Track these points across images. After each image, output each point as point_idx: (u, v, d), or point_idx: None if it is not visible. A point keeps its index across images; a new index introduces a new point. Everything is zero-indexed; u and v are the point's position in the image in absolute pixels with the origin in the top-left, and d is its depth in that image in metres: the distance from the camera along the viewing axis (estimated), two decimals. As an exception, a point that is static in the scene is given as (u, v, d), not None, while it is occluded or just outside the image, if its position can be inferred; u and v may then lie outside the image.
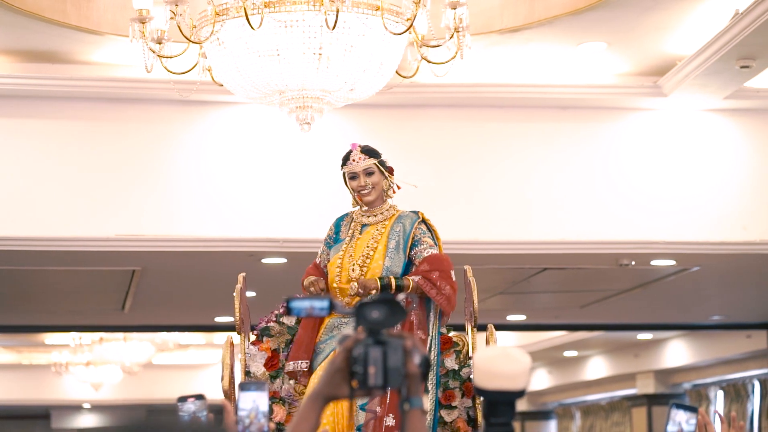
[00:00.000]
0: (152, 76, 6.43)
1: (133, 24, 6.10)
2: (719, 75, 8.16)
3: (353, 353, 2.69)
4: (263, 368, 5.86)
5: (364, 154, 5.90)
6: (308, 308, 2.77)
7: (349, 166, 5.89)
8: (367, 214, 5.91)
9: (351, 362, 2.69)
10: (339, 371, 2.71)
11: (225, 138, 8.59)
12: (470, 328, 5.88)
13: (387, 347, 2.68)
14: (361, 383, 2.68)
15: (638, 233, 8.86)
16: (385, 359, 2.67)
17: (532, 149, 8.84)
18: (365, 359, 2.67)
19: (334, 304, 2.78)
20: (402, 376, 2.67)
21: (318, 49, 6.00)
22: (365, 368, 2.67)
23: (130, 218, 8.46)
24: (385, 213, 5.90)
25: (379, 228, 5.85)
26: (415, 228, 5.82)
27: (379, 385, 2.67)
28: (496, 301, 11.96)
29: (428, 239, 5.82)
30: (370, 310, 2.69)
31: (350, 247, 5.83)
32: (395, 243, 5.79)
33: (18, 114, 8.40)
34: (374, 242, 5.80)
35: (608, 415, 18.78)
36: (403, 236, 5.80)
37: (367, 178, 5.85)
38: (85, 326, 14.12)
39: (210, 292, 10.43)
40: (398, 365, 2.67)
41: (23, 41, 7.98)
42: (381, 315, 2.69)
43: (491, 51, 8.20)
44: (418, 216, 5.88)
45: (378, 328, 2.69)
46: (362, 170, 5.86)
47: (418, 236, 5.81)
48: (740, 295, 11.71)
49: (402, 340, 2.69)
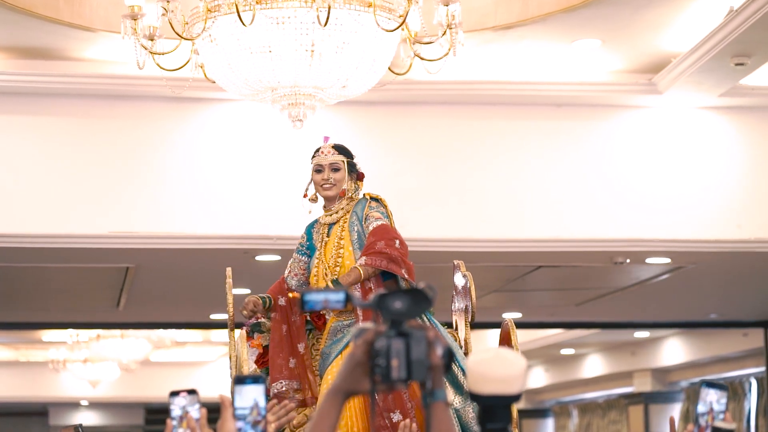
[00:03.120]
0: (145, 73, 6.42)
1: (125, 21, 6.08)
2: (714, 72, 8.14)
3: (375, 346, 2.59)
4: (254, 365, 5.78)
5: (335, 150, 5.83)
6: (323, 301, 2.67)
7: (317, 158, 5.83)
8: (329, 213, 5.83)
9: (372, 355, 2.59)
10: (360, 365, 2.61)
11: (218, 135, 8.58)
12: (464, 324, 5.84)
13: (410, 339, 2.58)
14: (384, 377, 2.58)
15: (633, 231, 8.85)
16: (408, 351, 2.57)
17: (526, 147, 8.82)
18: (388, 352, 2.57)
19: (351, 297, 2.67)
20: (426, 369, 2.59)
21: (310, 46, 5.98)
22: (388, 361, 2.57)
23: (123, 215, 8.44)
24: (345, 207, 5.80)
25: (341, 225, 5.76)
26: (366, 209, 5.75)
27: (402, 378, 2.57)
28: (491, 299, 11.95)
29: (375, 212, 5.73)
30: (392, 300, 2.60)
31: (321, 254, 5.76)
32: (357, 234, 5.72)
33: (10, 111, 8.39)
34: (339, 241, 5.73)
35: (605, 413, 18.77)
36: (358, 223, 5.73)
37: (332, 173, 5.78)
38: (81, 323, 14.09)
39: (204, 289, 10.41)
40: (422, 357, 2.58)
41: (16, 38, 7.97)
42: (404, 305, 2.59)
43: (485, 48, 8.18)
44: (365, 198, 5.81)
45: (401, 319, 2.59)
46: (328, 164, 5.79)
47: (367, 213, 5.73)
48: (736, 293, 11.70)
49: (424, 332, 2.59)
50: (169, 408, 3.11)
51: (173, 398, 3.12)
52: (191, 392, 3.13)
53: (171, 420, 3.11)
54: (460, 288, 5.88)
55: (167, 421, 3.09)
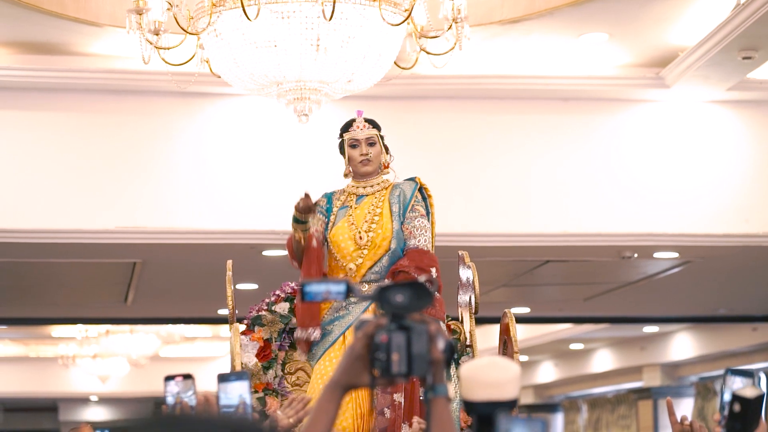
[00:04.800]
0: (151, 67, 6.40)
1: (130, 15, 6.08)
2: (722, 66, 8.11)
3: (375, 339, 2.53)
4: (255, 359, 5.71)
5: (368, 124, 5.75)
6: (324, 292, 2.62)
7: (351, 132, 5.72)
8: (362, 185, 5.72)
9: (372, 349, 2.53)
10: (359, 359, 2.55)
11: (224, 129, 8.57)
12: (468, 316, 5.81)
13: (411, 333, 2.52)
14: (384, 371, 2.52)
15: (640, 225, 8.83)
16: (409, 345, 2.52)
17: (533, 141, 8.80)
18: (388, 345, 2.52)
19: (352, 288, 2.62)
20: (427, 363, 2.53)
21: (315, 41, 5.97)
22: (388, 355, 2.51)
23: (129, 210, 8.44)
24: (381, 183, 5.72)
25: (377, 196, 5.68)
26: (414, 197, 5.68)
27: (403, 373, 2.52)
28: (499, 294, 11.93)
29: (420, 208, 5.68)
30: (393, 293, 2.54)
31: (350, 216, 5.65)
32: (397, 208, 5.65)
33: (17, 106, 8.39)
34: (375, 208, 5.64)
35: (614, 408, 18.76)
36: (403, 202, 5.66)
37: (369, 147, 5.70)
38: (89, 318, 14.10)
39: (212, 284, 10.35)
40: (423, 351, 2.52)
41: (22, 33, 7.96)
42: (405, 299, 2.53)
43: (492, 42, 8.16)
44: (415, 182, 5.74)
45: (402, 313, 2.54)
46: (365, 138, 5.71)
47: (413, 204, 5.67)
48: (744, 287, 11.67)
49: (426, 325, 2.53)
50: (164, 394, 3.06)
51: (167, 383, 3.07)
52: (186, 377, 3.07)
53: (165, 407, 3.07)
54: (464, 280, 5.85)
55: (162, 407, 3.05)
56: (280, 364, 5.77)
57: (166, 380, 3.06)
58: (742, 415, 3.05)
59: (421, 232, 5.65)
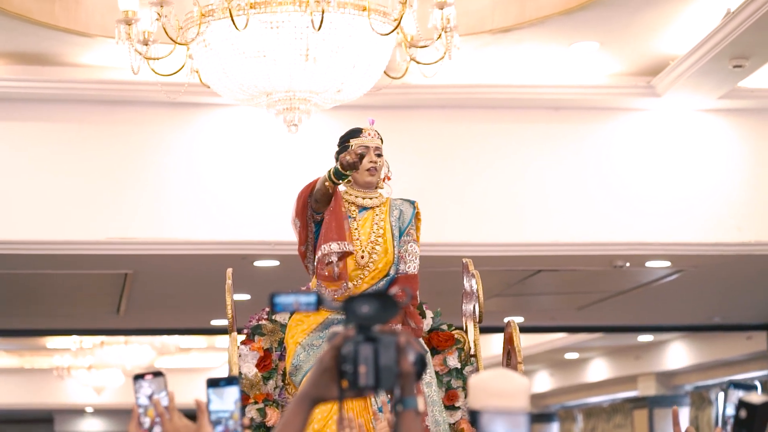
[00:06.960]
0: (142, 78, 6.39)
1: (119, 25, 6.07)
2: (712, 74, 8.11)
3: (342, 351, 2.51)
4: (255, 369, 5.68)
5: (377, 134, 5.71)
6: (294, 303, 2.58)
7: (362, 138, 5.63)
8: (362, 195, 5.65)
9: (340, 361, 2.51)
10: (327, 371, 2.53)
11: (216, 140, 8.56)
12: (473, 325, 5.81)
13: (378, 345, 2.50)
14: (351, 383, 2.50)
15: (632, 234, 8.82)
16: (377, 357, 2.49)
17: (525, 150, 8.79)
18: (355, 358, 2.49)
19: (322, 299, 2.60)
20: (395, 376, 2.50)
21: (305, 50, 5.95)
22: (355, 367, 2.49)
23: (120, 221, 8.42)
24: (379, 197, 5.69)
25: (377, 213, 5.63)
26: (412, 222, 5.67)
27: (370, 386, 2.49)
28: (493, 303, 11.91)
29: (413, 231, 5.69)
30: (359, 304, 2.51)
31: (355, 230, 5.58)
32: (398, 231, 5.65)
33: (6, 117, 8.37)
34: (378, 228, 5.61)
35: (610, 417, 18.75)
36: (401, 226, 5.65)
37: (376, 157, 5.64)
38: (82, 330, 14.08)
39: (204, 295, 10.38)
40: (391, 364, 2.49)
41: (11, 43, 7.95)
42: (371, 310, 2.50)
43: (482, 51, 8.16)
44: (414, 208, 5.73)
45: (368, 324, 2.51)
46: (374, 147, 5.64)
47: (409, 229, 5.67)
48: (738, 296, 11.66)
49: (395, 337, 2.51)
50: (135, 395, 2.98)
51: (138, 383, 2.98)
52: (157, 375, 2.99)
53: (138, 408, 3.00)
54: (468, 289, 5.86)
55: (133, 408, 2.97)
56: (280, 375, 5.72)
57: (135, 380, 2.97)
58: (748, 422, 3.04)
59: (411, 258, 5.67)
